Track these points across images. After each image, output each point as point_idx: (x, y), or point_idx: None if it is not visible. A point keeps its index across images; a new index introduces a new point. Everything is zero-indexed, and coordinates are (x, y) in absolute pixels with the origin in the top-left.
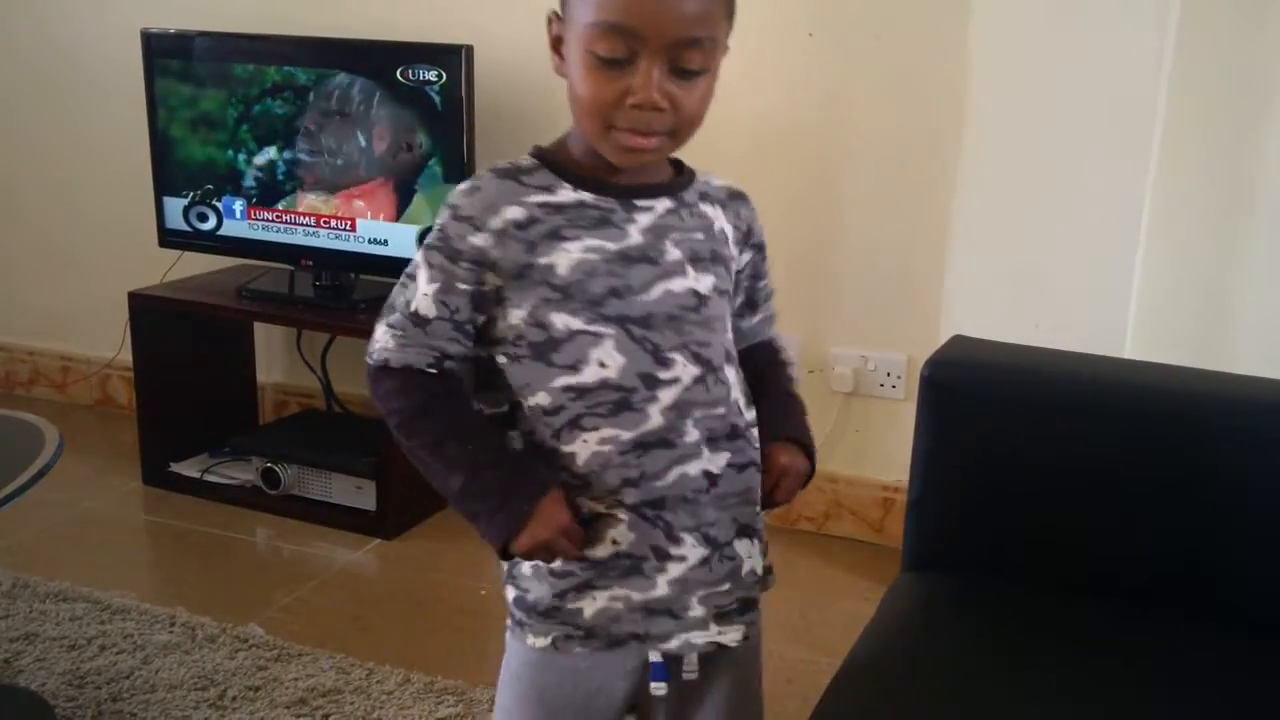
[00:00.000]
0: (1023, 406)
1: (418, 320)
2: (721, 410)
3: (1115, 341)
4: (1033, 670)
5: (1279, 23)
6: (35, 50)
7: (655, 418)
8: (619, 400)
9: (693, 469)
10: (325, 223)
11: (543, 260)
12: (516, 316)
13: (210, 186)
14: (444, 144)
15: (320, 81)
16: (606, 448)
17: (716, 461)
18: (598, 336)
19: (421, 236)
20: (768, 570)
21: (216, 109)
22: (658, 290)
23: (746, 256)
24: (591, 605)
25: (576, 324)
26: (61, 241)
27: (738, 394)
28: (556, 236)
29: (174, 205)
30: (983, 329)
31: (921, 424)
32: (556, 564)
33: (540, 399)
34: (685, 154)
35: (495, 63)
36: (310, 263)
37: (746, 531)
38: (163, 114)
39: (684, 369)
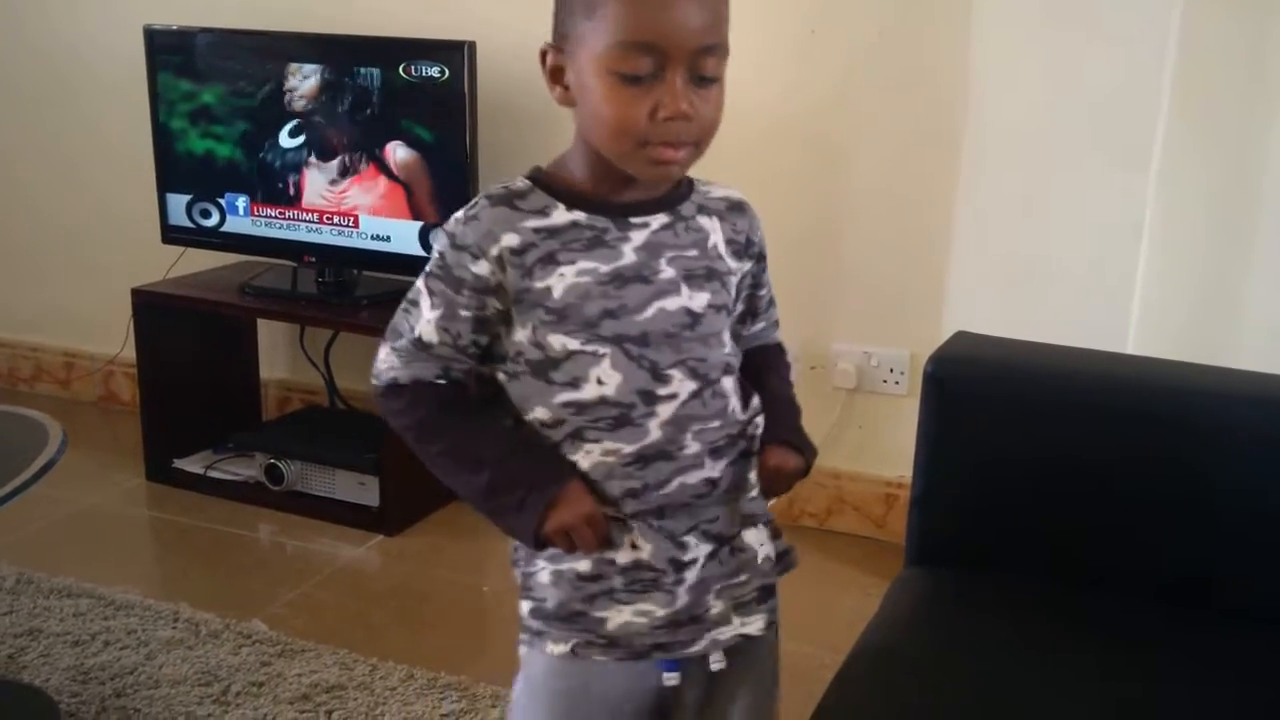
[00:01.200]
0: (1025, 402)
1: (421, 345)
2: (718, 423)
3: (1118, 337)
4: (1036, 664)
5: None
6: (42, 47)
7: (654, 432)
8: (618, 416)
9: (693, 478)
10: (328, 219)
11: (539, 284)
12: (519, 335)
13: (213, 183)
14: (447, 140)
15: (323, 78)
16: (609, 459)
17: (717, 468)
18: (595, 355)
19: (423, 233)
20: (784, 553)
21: (219, 105)
22: (653, 309)
23: (746, 266)
24: (617, 617)
25: (574, 344)
26: (65, 238)
27: (735, 403)
28: (552, 260)
29: (177, 202)
30: (985, 325)
31: (924, 420)
32: (580, 564)
33: (540, 413)
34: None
35: (498, 59)
36: (313, 259)
37: (751, 521)
38: (165, 110)
39: (681, 384)
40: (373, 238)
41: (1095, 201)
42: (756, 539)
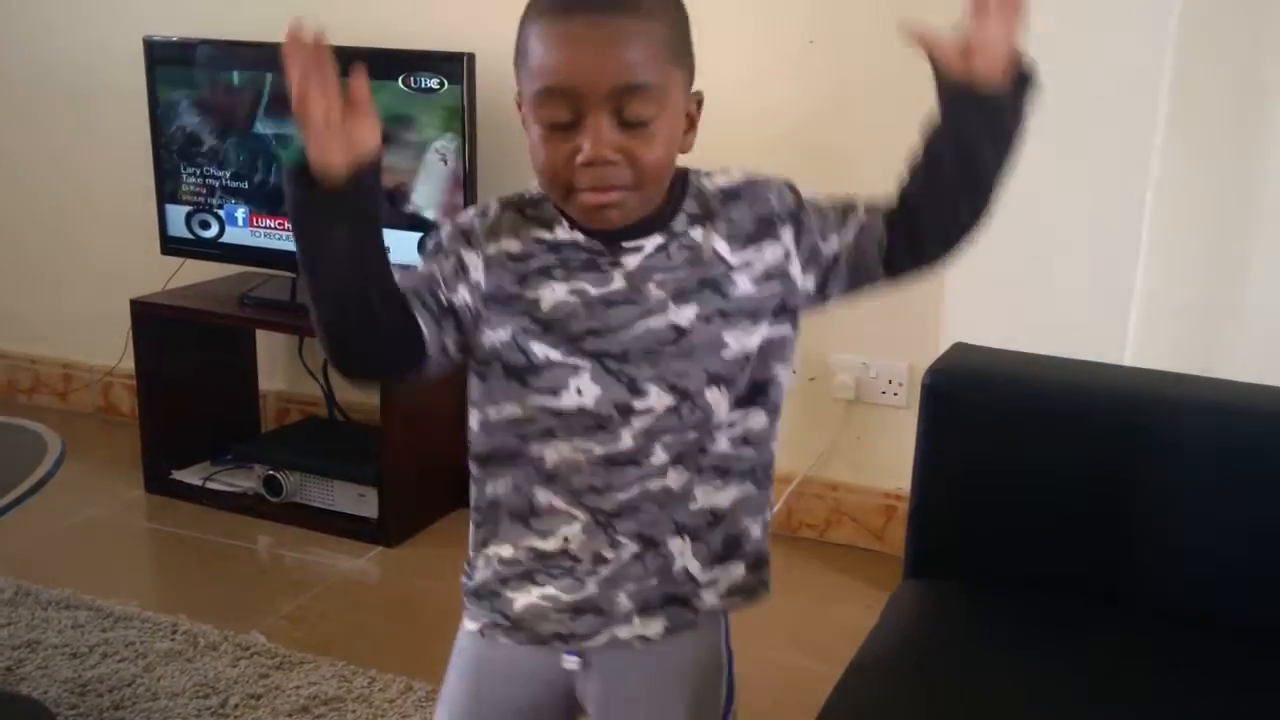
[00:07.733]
0: (1024, 414)
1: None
2: (694, 435)
3: (1116, 349)
4: (1035, 676)
5: (1279, 25)
6: (42, 58)
7: (626, 440)
8: (593, 424)
9: (654, 485)
10: None
11: (529, 294)
12: (494, 339)
13: (212, 194)
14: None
15: None
16: (579, 456)
17: (678, 480)
18: (575, 368)
19: (422, 245)
20: (744, 587)
21: (218, 116)
22: (639, 328)
23: (781, 239)
24: (524, 598)
25: (555, 355)
26: (64, 249)
27: (721, 414)
28: (546, 274)
29: (176, 213)
30: (984, 336)
31: (923, 431)
32: (504, 549)
33: (511, 411)
34: (694, 156)
35: (497, 70)
36: None
37: (682, 530)
38: (165, 121)
39: (658, 398)
40: None
41: (1093, 212)
42: (679, 548)
